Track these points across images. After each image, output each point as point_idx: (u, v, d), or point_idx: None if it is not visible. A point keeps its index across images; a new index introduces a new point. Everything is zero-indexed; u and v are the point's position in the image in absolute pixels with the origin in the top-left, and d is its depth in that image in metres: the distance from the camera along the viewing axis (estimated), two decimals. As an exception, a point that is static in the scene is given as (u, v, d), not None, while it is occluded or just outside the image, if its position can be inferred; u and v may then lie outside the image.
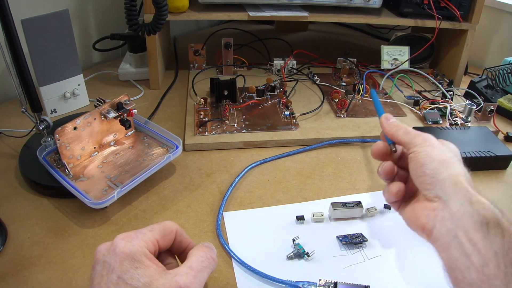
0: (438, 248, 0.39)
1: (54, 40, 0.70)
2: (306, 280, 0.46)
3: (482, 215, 0.37)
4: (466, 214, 0.37)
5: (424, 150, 0.41)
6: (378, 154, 0.47)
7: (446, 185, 0.39)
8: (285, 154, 0.69)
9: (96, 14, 1.00)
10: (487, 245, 0.35)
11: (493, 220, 0.36)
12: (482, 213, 0.37)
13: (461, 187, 0.39)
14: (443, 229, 0.38)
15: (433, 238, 0.39)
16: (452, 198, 0.38)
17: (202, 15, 0.83)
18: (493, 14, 1.04)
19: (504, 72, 0.88)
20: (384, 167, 0.46)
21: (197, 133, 0.71)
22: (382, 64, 0.93)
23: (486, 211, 0.37)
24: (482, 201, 0.38)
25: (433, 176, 0.40)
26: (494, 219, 0.36)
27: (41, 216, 0.55)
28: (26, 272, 0.47)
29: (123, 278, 0.33)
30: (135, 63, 0.93)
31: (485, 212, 0.37)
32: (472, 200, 0.38)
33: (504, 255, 0.35)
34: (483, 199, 0.38)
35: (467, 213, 0.37)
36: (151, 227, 0.38)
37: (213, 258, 0.39)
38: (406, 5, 0.86)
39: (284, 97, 0.81)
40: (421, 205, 0.41)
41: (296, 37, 1.22)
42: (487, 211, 0.37)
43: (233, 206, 0.58)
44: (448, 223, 0.38)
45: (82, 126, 0.59)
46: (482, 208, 0.37)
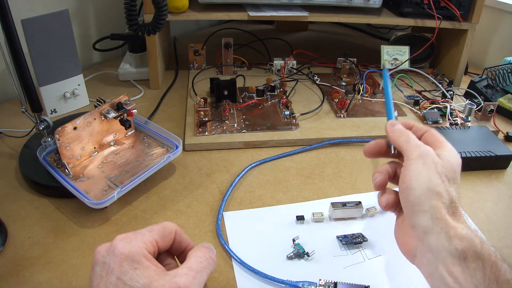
0: (423, 273, 0.39)
1: (54, 40, 0.70)
2: (306, 280, 0.46)
3: (460, 249, 0.36)
4: (444, 249, 0.37)
5: (414, 169, 0.40)
6: (370, 153, 0.47)
7: (425, 217, 0.38)
8: (285, 154, 0.69)
9: (96, 14, 1.00)
10: (467, 279, 0.35)
11: (471, 254, 0.36)
12: (460, 248, 0.36)
13: (440, 220, 0.38)
14: (424, 259, 0.38)
15: (416, 264, 0.40)
16: (430, 232, 0.38)
17: (202, 15, 0.83)
18: (493, 14, 1.04)
19: (504, 72, 0.88)
20: (376, 181, 0.45)
21: (197, 133, 0.71)
22: (382, 64, 0.93)
23: (463, 245, 0.36)
24: (460, 235, 0.37)
25: (414, 205, 0.39)
26: (473, 252, 0.36)
27: (41, 216, 0.55)
28: (26, 272, 0.47)
29: (123, 279, 0.33)
30: (135, 63, 0.93)
31: (462, 247, 0.36)
32: (450, 235, 0.37)
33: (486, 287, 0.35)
34: (462, 232, 0.37)
35: (444, 248, 0.37)
36: (150, 228, 0.38)
37: (212, 258, 0.39)
38: (406, 5, 0.86)
39: (284, 97, 0.81)
40: (405, 229, 0.41)
41: (296, 37, 1.22)
42: (465, 246, 0.36)
43: (233, 206, 0.58)
44: (428, 255, 0.38)
45: (82, 126, 0.59)
46: (458, 243, 0.37)
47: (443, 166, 0.40)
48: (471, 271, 0.36)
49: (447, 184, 0.40)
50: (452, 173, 0.41)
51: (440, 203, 0.39)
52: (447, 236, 0.37)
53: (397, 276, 0.49)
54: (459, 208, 0.40)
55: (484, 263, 0.36)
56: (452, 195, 0.40)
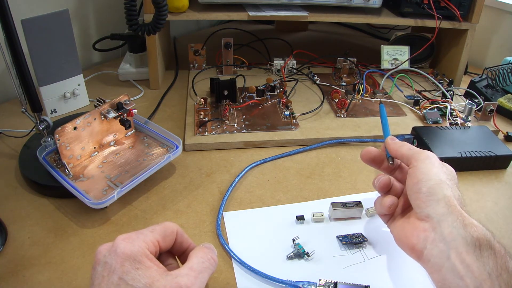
0: (429, 269, 0.39)
1: (54, 40, 0.70)
2: (306, 280, 0.46)
3: (475, 237, 0.37)
4: (459, 236, 0.37)
5: (424, 166, 0.42)
6: (366, 158, 0.50)
7: (440, 206, 0.39)
8: (285, 154, 0.69)
9: (96, 14, 0.99)
10: (480, 267, 0.36)
11: (485, 243, 0.37)
12: (475, 236, 0.37)
13: (455, 209, 0.39)
14: (435, 250, 0.39)
15: (424, 259, 0.40)
16: (444, 220, 0.39)
17: (202, 15, 0.83)
18: (493, 14, 1.04)
19: (504, 71, 0.88)
20: (381, 180, 0.47)
21: (197, 133, 0.71)
22: (382, 64, 0.93)
23: (478, 233, 0.37)
24: (474, 224, 0.38)
25: (428, 195, 0.40)
26: (486, 241, 0.37)
27: (41, 216, 0.55)
28: (26, 272, 0.47)
29: (124, 279, 0.33)
30: (135, 63, 0.93)
31: (477, 235, 0.37)
32: (465, 223, 0.38)
33: (497, 276, 0.35)
34: (475, 222, 0.39)
35: (459, 235, 0.37)
36: (151, 228, 0.38)
37: (213, 259, 0.39)
38: (406, 5, 0.86)
39: (284, 97, 0.81)
40: (412, 224, 0.42)
41: (296, 37, 1.22)
42: (480, 234, 0.37)
43: (233, 206, 0.58)
44: (440, 245, 0.38)
45: (82, 126, 0.59)
46: (474, 230, 0.38)
47: (447, 169, 0.44)
48: (484, 259, 0.36)
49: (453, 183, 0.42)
50: (454, 178, 0.43)
51: (452, 193, 0.40)
52: (462, 224, 0.38)
53: (397, 276, 0.49)
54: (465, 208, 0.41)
55: (495, 252, 0.37)
56: (458, 194, 0.42)
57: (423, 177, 0.41)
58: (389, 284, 0.48)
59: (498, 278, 0.35)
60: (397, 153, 0.47)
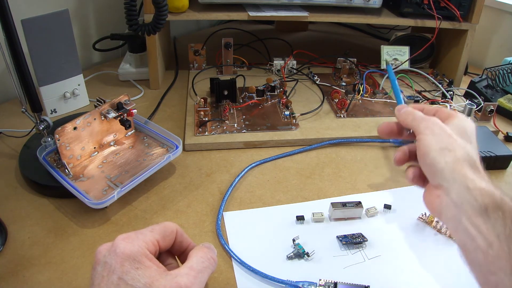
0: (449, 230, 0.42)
1: (54, 40, 0.70)
2: (306, 280, 0.46)
3: (481, 201, 0.38)
4: (465, 201, 0.39)
5: (424, 139, 0.43)
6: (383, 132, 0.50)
7: (445, 173, 0.41)
8: (285, 154, 0.69)
9: (96, 14, 0.99)
10: (489, 228, 0.37)
11: (492, 205, 0.38)
12: (480, 199, 0.38)
13: (459, 174, 0.40)
14: (449, 214, 0.40)
15: (444, 221, 0.42)
16: (451, 186, 0.40)
17: (202, 15, 0.83)
18: (493, 14, 1.04)
19: (504, 72, 0.88)
20: (396, 156, 0.48)
21: (197, 133, 0.71)
22: (382, 64, 0.93)
23: (484, 196, 0.38)
24: (480, 186, 0.39)
25: (432, 166, 0.42)
26: (493, 203, 0.38)
27: (41, 216, 0.55)
28: (26, 272, 0.47)
29: (124, 279, 0.33)
30: (135, 63, 0.93)
31: (483, 198, 0.38)
32: (469, 187, 0.39)
33: (507, 237, 0.36)
34: (481, 184, 0.39)
35: (465, 200, 0.39)
36: (151, 228, 0.38)
37: (213, 258, 0.39)
38: (406, 5, 0.86)
39: (284, 97, 0.81)
40: (430, 190, 0.43)
41: (296, 37, 1.22)
42: (485, 197, 0.38)
43: (233, 206, 0.58)
44: (452, 209, 0.40)
45: (82, 126, 0.59)
46: (479, 194, 0.38)
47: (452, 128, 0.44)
48: (492, 221, 0.37)
49: (461, 141, 0.42)
50: (464, 133, 0.43)
51: (455, 158, 0.41)
52: (467, 188, 0.39)
53: (397, 276, 0.49)
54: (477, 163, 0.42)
55: (505, 213, 0.37)
56: (468, 150, 0.42)
57: (425, 149, 0.42)
58: (389, 284, 0.48)
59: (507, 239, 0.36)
60: (404, 124, 0.48)
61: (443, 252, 0.52)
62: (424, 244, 0.53)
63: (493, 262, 0.37)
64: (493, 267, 0.37)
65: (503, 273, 0.36)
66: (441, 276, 0.49)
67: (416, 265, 0.50)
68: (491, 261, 0.37)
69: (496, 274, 0.37)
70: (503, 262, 0.36)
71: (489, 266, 0.37)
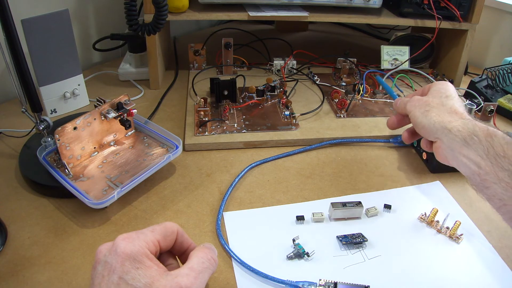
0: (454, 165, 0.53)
1: (54, 40, 0.70)
2: (306, 280, 0.46)
3: (460, 135, 0.50)
4: (451, 141, 0.51)
5: (412, 113, 0.59)
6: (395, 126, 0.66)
7: (431, 128, 0.54)
8: (285, 154, 0.69)
9: (96, 14, 0.99)
10: (474, 154, 0.48)
11: (469, 135, 0.49)
12: (458, 135, 0.50)
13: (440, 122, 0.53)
14: (449, 156, 0.52)
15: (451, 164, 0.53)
16: (439, 134, 0.53)
17: (202, 15, 0.83)
18: (493, 14, 1.04)
19: (504, 72, 0.88)
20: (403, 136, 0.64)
21: (197, 133, 0.71)
22: (382, 64, 0.93)
23: (460, 131, 0.50)
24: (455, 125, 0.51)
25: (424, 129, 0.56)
26: (468, 133, 0.49)
27: (41, 216, 0.55)
28: (26, 272, 0.47)
29: (124, 279, 0.33)
30: (135, 63, 0.93)
31: (460, 133, 0.50)
32: (448, 128, 0.52)
33: (487, 155, 0.47)
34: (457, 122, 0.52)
35: (451, 140, 0.51)
36: (152, 228, 0.38)
37: (214, 259, 0.39)
38: (406, 5, 0.86)
39: (284, 97, 0.81)
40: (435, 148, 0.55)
41: (296, 37, 1.22)
42: (462, 131, 0.50)
43: (233, 206, 0.58)
44: (449, 152, 0.52)
45: (82, 126, 0.59)
46: (457, 130, 0.51)
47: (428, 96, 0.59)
48: (473, 146, 0.49)
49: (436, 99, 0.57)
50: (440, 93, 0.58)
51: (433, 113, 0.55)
52: (448, 130, 0.52)
53: (397, 276, 0.49)
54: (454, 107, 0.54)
55: (479, 136, 0.48)
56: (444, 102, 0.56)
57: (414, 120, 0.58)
58: (389, 284, 0.48)
59: (488, 156, 0.47)
60: (401, 112, 0.63)
61: (443, 252, 0.52)
62: (424, 244, 0.53)
63: (485, 178, 0.47)
64: (487, 182, 0.47)
65: (493, 183, 0.46)
66: (441, 276, 0.49)
67: (416, 265, 0.50)
68: (484, 178, 0.47)
69: (490, 187, 0.47)
70: (491, 175, 0.46)
71: (484, 182, 0.47)
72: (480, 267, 0.50)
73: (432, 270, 0.50)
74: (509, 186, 0.45)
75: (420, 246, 0.53)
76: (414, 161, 0.69)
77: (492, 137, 0.48)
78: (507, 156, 0.46)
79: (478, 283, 0.48)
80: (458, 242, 0.53)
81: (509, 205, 0.45)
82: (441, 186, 0.63)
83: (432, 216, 0.56)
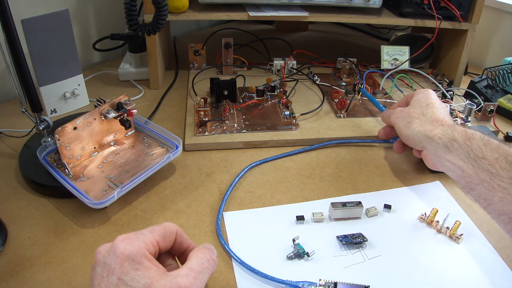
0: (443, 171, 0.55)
1: (54, 40, 0.70)
2: (306, 280, 0.46)
3: (441, 143, 0.53)
4: (434, 148, 0.55)
5: (395, 125, 0.63)
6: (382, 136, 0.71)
7: (415, 138, 0.58)
8: (285, 154, 0.69)
9: (96, 14, 0.99)
10: (456, 158, 0.51)
11: (449, 141, 0.52)
12: (440, 142, 0.54)
13: (422, 132, 0.57)
14: (436, 162, 0.56)
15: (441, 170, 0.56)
16: (424, 143, 0.57)
17: (202, 15, 0.83)
18: (493, 14, 1.04)
19: (504, 72, 0.88)
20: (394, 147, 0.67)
21: (197, 133, 0.71)
22: (382, 64, 0.93)
23: (441, 139, 0.53)
24: (436, 132, 0.55)
25: (409, 139, 0.60)
26: (449, 139, 0.52)
27: (41, 216, 0.55)
28: (26, 272, 0.47)
29: (123, 280, 0.33)
30: (135, 63, 0.93)
31: (441, 141, 0.53)
32: (430, 136, 0.55)
33: (468, 158, 0.50)
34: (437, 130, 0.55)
35: (435, 147, 0.55)
36: (151, 228, 0.38)
37: (213, 259, 0.39)
38: (406, 5, 0.86)
39: (284, 97, 0.81)
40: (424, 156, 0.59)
41: (296, 37, 1.22)
42: (443, 138, 0.53)
43: (233, 206, 0.58)
44: (436, 159, 0.56)
45: (82, 126, 0.59)
46: (438, 137, 0.54)
47: (409, 106, 0.62)
48: (454, 152, 0.52)
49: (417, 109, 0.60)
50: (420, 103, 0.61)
51: (415, 124, 0.58)
52: (430, 139, 0.55)
53: (397, 276, 0.49)
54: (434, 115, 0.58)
55: (459, 142, 0.51)
56: (424, 112, 0.59)
57: (400, 132, 0.61)
58: (389, 284, 0.48)
59: (469, 159, 0.49)
60: (388, 124, 0.67)
61: (443, 252, 0.52)
62: (424, 244, 0.53)
63: (469, 180, 0.49)
64: (471, 184, 0.49)
65: (477, 184, 0.48)
66: (441, 276, 0.49)
67: (416, 265, 0.50)
68: (468, 180, 0.49)
69: (475, 188, 0.49)
70: (473, 177, 0.48)
71: (469, 184, 0.50)
72: (480, 267, 0.50)
73: (432, 270, 0.50)
74: (490, 186, 0.47)
75: (420, 246, 0.53)
76: (414, 161, 0.69)
77: (471, 140, 0.50)
78: (485, 157, 0.48)
79: (478, 283, 0.48)
80: (458, 242, 0.53)
81: (493, 204, 0.47)
82: (441, 186, 0.63)
83: (432, 216, 0.56)
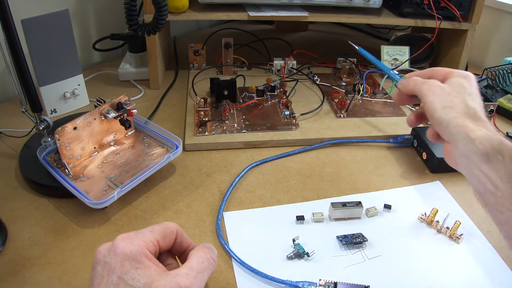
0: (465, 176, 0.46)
1: (54, 40, 0.70)
2: (306, 280, 0.46)
3: (482, 149, 0.42)
4: (470, 151, 0.43)
5: (428, 101, 0.47)
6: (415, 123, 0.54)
7: (450, 129, 0.45)
8: (285, 154, 0.69)
9: (96, 14, 0.99)
10: (493, 173, 0.41)
11: (492, 151, 0.42)
12: (481, 148, 0.42)
13: (462, 128, 0.44)
14: (461, 164, 0.45)
15: (460, 170, 0.46)
16: (457, 139, 0.44)
17: (202, 15, 0.83)
18: (493, 14, 1.04)
19: (504, 72, 0.88)
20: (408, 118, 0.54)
21: (197, 133, 0.71)
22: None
23: (484, 145, 0.42)
24: (480, 135, 0.43)
25: (439, 124, 0.46)
26: (493, 149, 0.42)
27: (41, 216, 0.55)
28: (26, 272, 0.47)
29: (124, 279, 0.33)
30: (135, 63, 0.93)
31: (483, 147, 0.42)
32: (471, 137, 0.43)
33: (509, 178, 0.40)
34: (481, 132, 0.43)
35: (470, 150, 0.43)
36: (151, 228, 0.38)
37: (213, 259, 0.39)
38: (406, 5, 0.86)
39: (284, 97, 0.81)
40: (446, 146, 0.48)
41: (296, 37, 1.22)
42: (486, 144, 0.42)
43: (233, 206, 0.58)
44: (463, 160, 0.44)
45: (82, 126, 0.59)
46: (480, 142, 0.42)
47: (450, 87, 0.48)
48: (494, 165, 0.41)
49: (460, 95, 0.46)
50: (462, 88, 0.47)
51: (456, 113, 0.45)
52: (470, 139, 0.43)
53: (397, 276, 0.49)
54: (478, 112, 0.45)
55: (504, 156, 0.41)
56: (468, 103, 0.46)
57: (430, 110, 0.47)
58: (389, 284, 0.48)
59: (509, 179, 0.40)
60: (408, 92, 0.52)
61: (443, 252, 0.52)
62: (424, 244, 0.53)
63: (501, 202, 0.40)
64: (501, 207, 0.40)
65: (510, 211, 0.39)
66: (441, 276, 0.49)
67: (416, 265, 0.50)
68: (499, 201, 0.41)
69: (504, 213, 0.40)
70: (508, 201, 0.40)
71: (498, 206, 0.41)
72: (480, 267, 0.50)
73: (432, 270, 0.50)
74: None
75: (420, 246, 0.53)
76: (414, 161, 0.69)
77: None
78: None
79: (478, 283, 0.48)
80: (458, 242, 0.53)
81: None
82: (441, 186, 0.63)
83: (432, 216, 0.56)
